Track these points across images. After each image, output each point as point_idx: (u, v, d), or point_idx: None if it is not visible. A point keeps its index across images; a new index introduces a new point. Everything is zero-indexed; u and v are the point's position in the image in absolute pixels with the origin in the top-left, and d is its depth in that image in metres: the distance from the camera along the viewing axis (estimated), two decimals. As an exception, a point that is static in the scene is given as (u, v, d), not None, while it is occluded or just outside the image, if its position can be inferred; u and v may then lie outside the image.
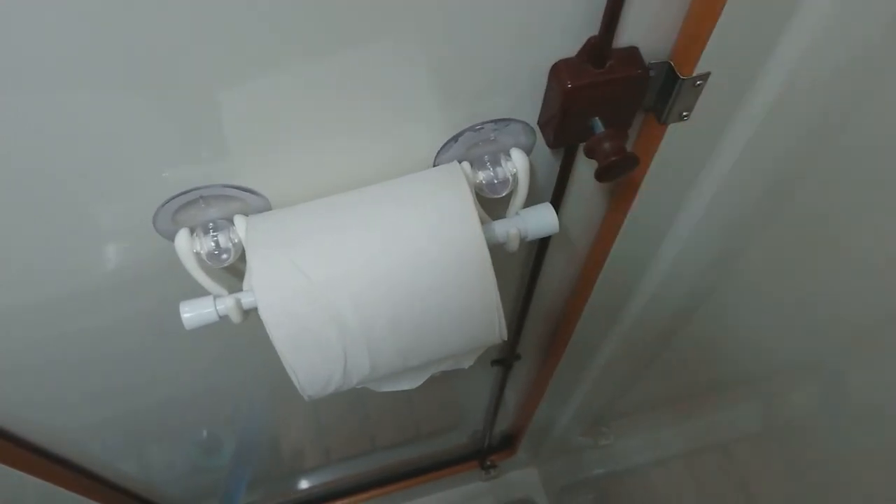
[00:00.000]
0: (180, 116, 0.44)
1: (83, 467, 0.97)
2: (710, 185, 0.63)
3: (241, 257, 0.52)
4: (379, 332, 0.49)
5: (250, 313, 0.53)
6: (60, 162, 0.44)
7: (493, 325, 0.52)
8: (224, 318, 0.53)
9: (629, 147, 0.58)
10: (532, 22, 0.45)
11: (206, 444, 1.14)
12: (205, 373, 0.85)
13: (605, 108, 0.49)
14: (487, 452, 1.59)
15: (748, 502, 0.89)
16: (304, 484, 1.54)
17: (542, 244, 0.71)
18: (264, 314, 0.47)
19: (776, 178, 0.62)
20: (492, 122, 0.52)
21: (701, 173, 0.63)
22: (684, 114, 0.52)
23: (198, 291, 0.54)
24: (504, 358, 1.01)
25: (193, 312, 0.52)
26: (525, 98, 0.51)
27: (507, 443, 1.63)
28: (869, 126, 0.52)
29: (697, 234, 0.70)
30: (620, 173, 0.49)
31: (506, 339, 0.54)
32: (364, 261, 0.48)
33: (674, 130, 0.55)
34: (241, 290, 0.54)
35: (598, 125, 0.49)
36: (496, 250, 0.53)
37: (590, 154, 0.50)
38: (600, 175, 0.48)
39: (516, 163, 0.53)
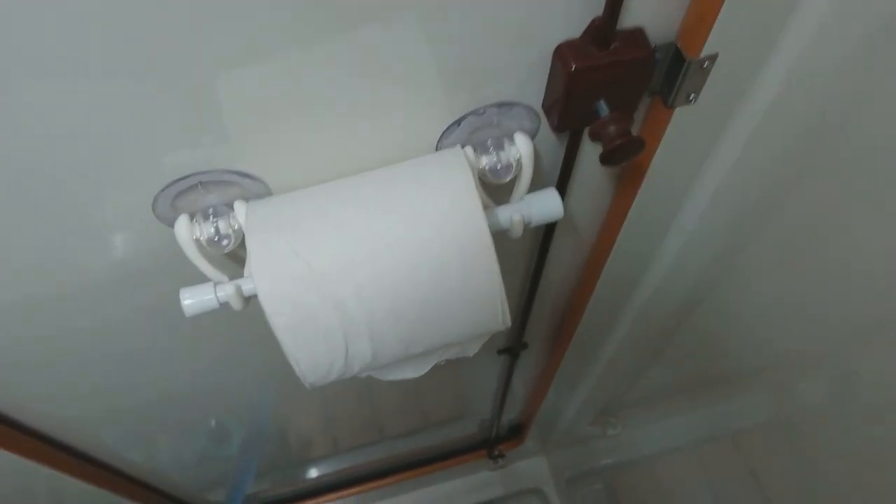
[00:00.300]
0: (179, 102, 0.43)
1: (92, 456, 0.98)
2: (716, 172, 0.62)
3: (243, 244, 0.52)
4: (380, 319, 0.49)
5: (252, 300, 0.53)
6: (61, 157, 0.44)
7: (496, 312, 0.51)
8: (225, 306, 0.53)
9: (635, 131, 0.57)
10: (535, 2, 0.44)
11: (215, 434, 1.14)
12: (212, 364, 0.85)
13: (611, 91, 0.48)
14: (495, 442, 1.59)
15: (757, 492, 0.88)
16: (312, 473, 1.54)
17: (548, 231, 0.70)
18: (263, 301, 0.47)
19: (784, 166, 0.61)
20: (495, 105, 0.51)
21: (707, 159, 0.62)
22: (691, 97, 0.51)
23: (201, 282, 0.54)
24: (511, 346, 1.00)
25: (194, 299, 0.52)
26: (528, 81, 0.50)
27: (515, 432, 1.62)
28: (881, 114, 0.51)
29: (703, 223, 0.69)
30: (626, 157, 0.48)
31: (509, 326, 0.54)
32: (365, 246, 0.47)
33: (681, 114, 0.54)
34: (242, 277, 0.53)
35: (604, 108, 0.48)
36: (500, 236, 0.52)
37: (595, 137, 0.49)
38: (605, 158, 0.47)
39: (520, 147, 0.53)
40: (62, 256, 0.55)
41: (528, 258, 0.77)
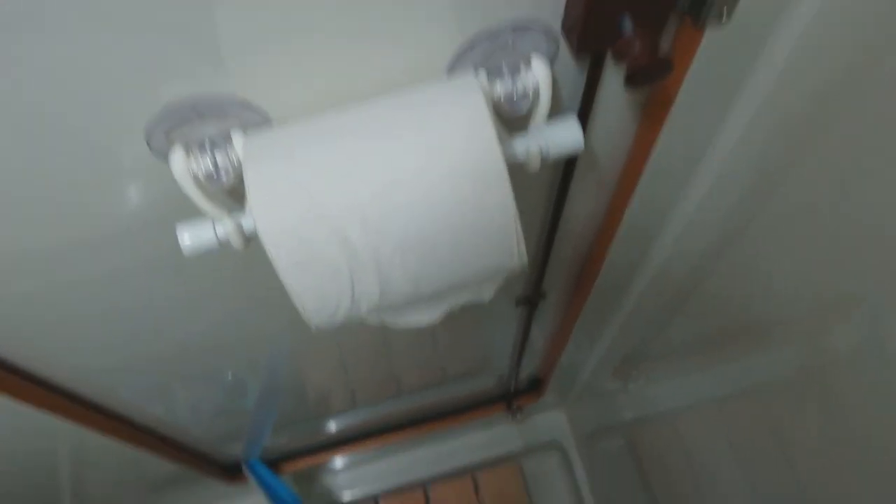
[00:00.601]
0: (174, 25, 0.40)
1: (112, 410, 0.97)
2: (750, 102, 0.58)
3: (243, 181, 0.49)
4: (387, 254, 0.46)
5: (255, 243, 0.50)
6: (52, 94, 0.42)
7: (511, 248, 0.48)
8: (226, 246, 0.50)
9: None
10: None
11: (231, 388, 1.14)
12: (225, 316, 0.83)
13: (636, 7, 0.44)
14: (514, 396, 1.58)
15: (781, 448, 0.86)
16: (329, 426, 1.54)
17: (567, 170, 0.67)
18: (263, 235, 0.44)
19: (822, 95, 0.57)
20: (510, 27, 0.47)
21: (741, 87, 0.58)
22: (723, 16, 0.47)
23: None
24: (529, 296, 0.97)
25: (192, 236, 0.49)
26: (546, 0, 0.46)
27: (534, 386, 1.61)
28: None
29: (734, 160, 0.65)
30: (652, 78, 0.44)
31: (525, 264, 0.51)
32: (370, 178, 0.44)
33: (712, 36, 0.50)
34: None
35: (628, 25, 0.44)
36: (516, 173, 0.49)
37: (618, 58, 0.45)
38: (630, 79, 0.44)
39: (537, 73, 0.49)
40: (59, 204, 0.53)
41: (547, 199, 0.73)
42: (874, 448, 0.66)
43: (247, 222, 0.49)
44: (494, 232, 0.47)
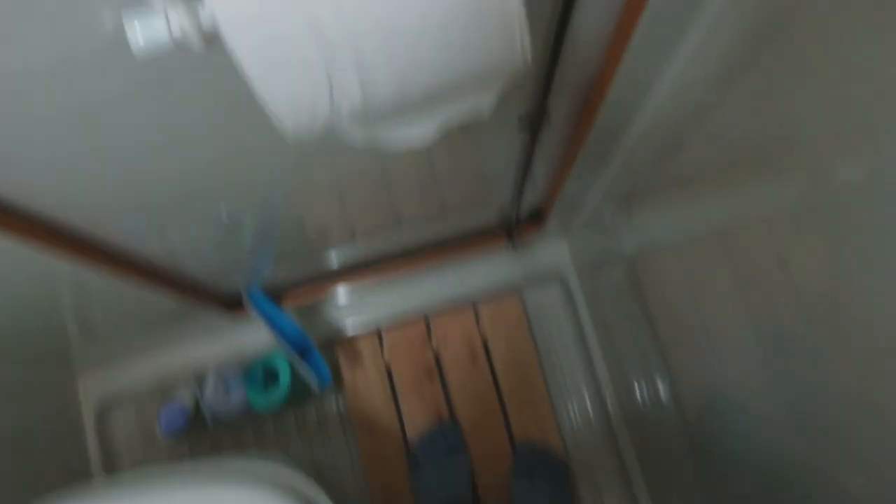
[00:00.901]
0: None
1: (103, 243, 0.96)
2: None
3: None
4: (368, 46, 0.39)
5: (217, 44, 0.43)
6: None
7: (511, 38, 0.41)
8: (184, 45, 0.44)
9: None
10: None
11: (227, 222, 1.11)
12: (212, 147, 0.79)
13: None
14: (515, 227, 1.55)
15: (785, 278, 0.83)
16: (330, 259, 1.54)
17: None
18: (220, 23, 0.38)
19: None
20: None
21: None
22: None
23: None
24: (532, 115, 0.90)
25: (143, 27, 0.42)
26: None
27: (536, 217, 1.58)
28: None
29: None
30: None
31: (529, 61, 0.44)
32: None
33: None
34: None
35: None
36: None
37: None
38: None
39: None
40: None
41: (553, 4, 0.65)
42: (880, 281, 0.63)
43: (204, 14, 0.42)
44: (493, 18, 0.40)
